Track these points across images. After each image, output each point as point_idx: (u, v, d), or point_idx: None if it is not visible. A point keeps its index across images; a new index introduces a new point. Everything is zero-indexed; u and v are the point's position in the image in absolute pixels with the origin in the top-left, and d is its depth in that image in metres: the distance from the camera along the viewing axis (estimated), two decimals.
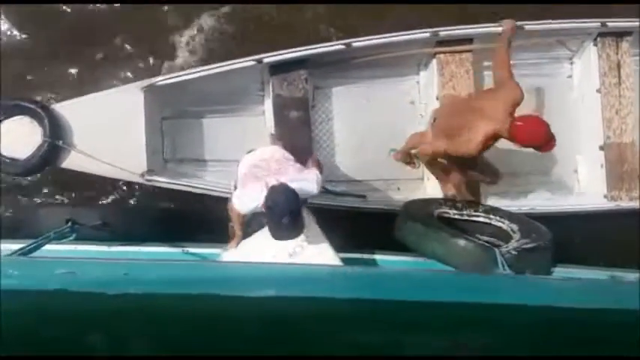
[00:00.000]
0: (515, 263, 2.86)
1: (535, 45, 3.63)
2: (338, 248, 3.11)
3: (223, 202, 3.48)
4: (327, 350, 1.51)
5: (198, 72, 3.30)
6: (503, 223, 3.29)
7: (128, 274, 1.56)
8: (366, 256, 3.22)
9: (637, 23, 3.54)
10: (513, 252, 2.98)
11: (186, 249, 3.20)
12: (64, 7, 3.76)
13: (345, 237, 3.44)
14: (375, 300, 1.54)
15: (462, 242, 2.95)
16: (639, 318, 1.50)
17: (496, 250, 2.95)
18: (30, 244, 2.71)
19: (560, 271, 3.20)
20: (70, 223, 3.15)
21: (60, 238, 3.02)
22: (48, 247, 2.88)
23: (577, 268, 3.29)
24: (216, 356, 1.48)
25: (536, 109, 3.78)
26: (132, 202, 3.67)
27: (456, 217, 3.35)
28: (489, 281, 2.08)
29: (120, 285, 1.46)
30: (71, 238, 3.07)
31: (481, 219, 3.34)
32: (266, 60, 3.32)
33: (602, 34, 3.61)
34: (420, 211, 3.31)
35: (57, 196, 3.54)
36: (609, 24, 3.53)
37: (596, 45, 3.63)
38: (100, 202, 3.57)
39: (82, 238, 3.13)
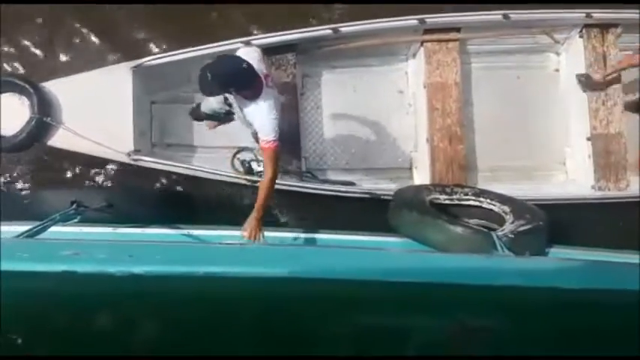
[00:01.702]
0: (513, 246, 2.84)
1: (521, 35, 3.68)
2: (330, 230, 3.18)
3: (219, 185, 3.53)
4: (333, 332, 1.52)
5: (186, 52, 3.32)
6: (495, 205, 3.26)
7: (133, 256, 1.56)
8: (352, 237, 3.19)
9: (621, 15, 3.59)
10: (510, 235, 2.96)
11: (189, 231, 3.17)
12: None
13: (335, 221, 3.48)
14: (379, 282, 1.54)
15: (459, 229, 2.94)
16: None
17: (493, 234, 2.93)
18: (36, 226, 2.68)
19: (556, 252, 3.17)
20: (75, 205, 3.12)
21: (65, 220, 3.00)
22: (53, 229, 2.86)
23: (572, 248, 3.25)
24: (220, 338, 1.49)
25: (523, 100, 3.83)
26: (135, 184, 3.64)
27: (447, 202, 3.32)
28: (493, 262, 2.06)
29: (125, 266, 1.47)
30: (76, 220, 3.04)
31: (471, 202, 3.32)
32: (255, 42, 3.35)
33: (587, 26, 3.65)
34: (413, 198, 3.30)
35: (62, 178, 3.52)
36: (594, 15, 3.58)
37: (581, 36, 3.67)
38: (104, 184, 3.56)
39: (86, 220, 3.11)
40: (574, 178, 3.77)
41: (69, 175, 3.61)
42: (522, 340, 1.55)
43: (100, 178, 3.64)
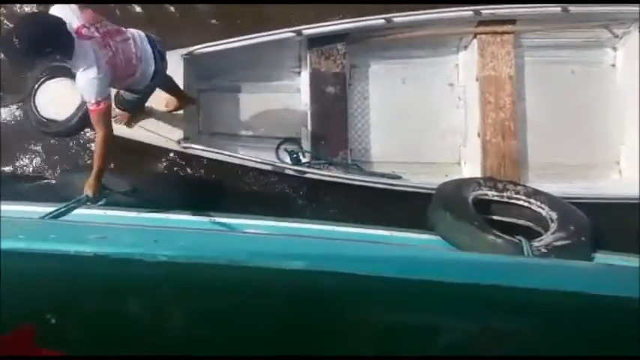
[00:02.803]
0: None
1: (579, 28, 3.56)
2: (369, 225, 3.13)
3: (253, 173, 3.50)
4: (350, 328, 1.47)
5: (237, 41, 3.29)
6: (544, 209, 3.18)
7: (158, 241, 1.54)
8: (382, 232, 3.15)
9: None
10: (543, 250, 2.87)
11: (214, 218, 3.15)
12: None
13: (379, 215, 3.43)
14: (405, 280, 1.49)
15: (490, 237, 2.86)
16: None
17: (525, 245, 2.84)
18: (61, 208, 2.69)
19: (600, 259, 3.08)
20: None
21: (91, 202, 3.02)
22: (77, 212, 2.87)
23: (617, 254, 3.15)
24: (241, 327, 1.46)
25: (577, 96, 3.71)
26: (162, 169, 3.62)
27: (495, 198, 3.25)
28: (519, 264, 2.00)
29: (150, 251, 1.44)
30: (101, 203, 3.05)
31: (521, 202, 3.24)
32: (305, 32, 3.31)
33: None
34: (453, 196, 3.21)
35: (88, 161, 3.51)
36: None
37: None
38: (131, 169, 3.54)
39: (111, 204, 3.11)
40: (628, 177, 3.64)
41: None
42: (548, 345, 1.48)
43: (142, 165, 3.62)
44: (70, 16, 2.36)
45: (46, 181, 3.53)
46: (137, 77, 2.66)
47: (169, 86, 3.07)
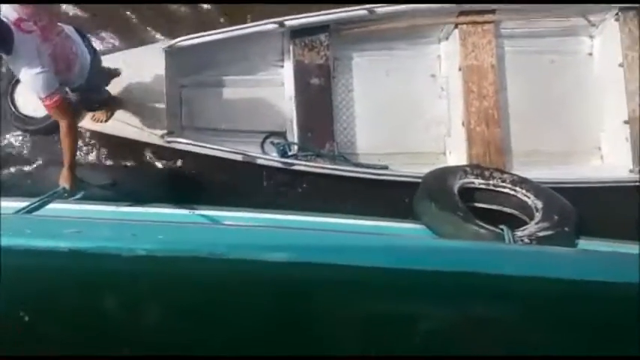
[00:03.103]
0: None
1: (557, 17, 3.63)
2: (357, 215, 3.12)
3: (239, 167, 3.46)
4: (335, 318, 1.45)
5: (219, 33, 3.26)
6: (529, 198, 3.20)
7: (136, 235, 1.50)
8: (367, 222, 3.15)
9: None
10: (526, 240, 2.90)
11: (193, 211, 3.11)
12: None
13: (366, 206, 3.43)
14: (386, 268, 1.48)
15: (473, 227, 2.88)
16: None
17: (507, 235, 2.86)
18: (35, 202, 2.61)
19: (583, 245, 3.11)
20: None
21: (68, 195, 2.94)
22: (54, 206, 2.79)
23: (601, 240, 3.20)
24: (223, 322, 1.42)
25: (557, 85, 3.77)
26: (141, 163, 3.56)
27: (482, 186, 3.27)
28: (501, 251, 2.00)
29: (127, 245, 1.40)
30: (78, 196, 2.97)
31: (507, 190, 3.26)
32: (288, 23, 3.30)
33: (623, 9, 3.60)
34: (439, 186, 3.23)
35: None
36: None
37: (617, 20, 3.61)
38: (107, 162, 3.47)
39: (89, 198, 3.03)
40: (610, 162, 3.70)
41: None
42: (531, 332, 1.48)
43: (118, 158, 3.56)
44: (6, 9, 2.25)
45: (22, 175, 3.44)
46: (76, 71, 2.59)
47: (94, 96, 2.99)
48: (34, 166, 3.43)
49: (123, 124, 3.11)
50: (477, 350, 1.48)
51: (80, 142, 3.37)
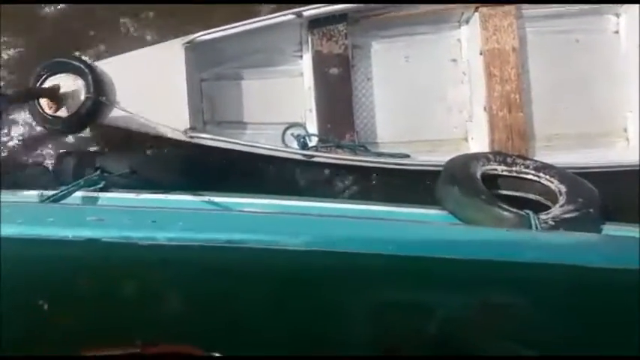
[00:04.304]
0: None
1: None
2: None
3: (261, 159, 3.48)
4: (350, 306, 1.47)
5: (237, 27, 3.25)
6: (553, 182, 3.16)
7: (156, 222, 1.53)
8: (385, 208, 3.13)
9: None
10: (551, 222, 2.85)
11: (212, 198, 3.13)
12: None
13: (386, 194, 3.43)
14: (401, 256, 1.49)
15: (497, 210, 2.82)
16: None
17: (532, 217, 2.83)
18: (60, 191, 2.70)
19: (608, 230, 3.07)
20: (99, 171, 3.13)
21: (89, 185, 3.01)
22: (76, 195, 2.87)
23: (628, 225, 3.15)
24: (240, 309, 1.45)
25: (582, 65, 3.68)
26: (159, 151, 3.60)
27: (504, 173, 3.24)
28: (519, 237, 1.98)
29: (148, 233, 1.44)
30: (100, 185, 3.04)
31: (530, 176, 3.23)
32: (306, 13, 3.28)
33: None
34: (461, 172, 3.20)
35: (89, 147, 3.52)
36: None
37: None
38: (128, 151, 3.52)
39: (110, 186, 3.10)
40: (637, 144, 3.63)
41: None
42: (548, 320, 1.48)
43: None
44: None
45: (47, 170, 3.53)
46: None
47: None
48: (57, 159, 3.52)
49: (145, 121, 3.15)
50: (499, 338, 1.50)
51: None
